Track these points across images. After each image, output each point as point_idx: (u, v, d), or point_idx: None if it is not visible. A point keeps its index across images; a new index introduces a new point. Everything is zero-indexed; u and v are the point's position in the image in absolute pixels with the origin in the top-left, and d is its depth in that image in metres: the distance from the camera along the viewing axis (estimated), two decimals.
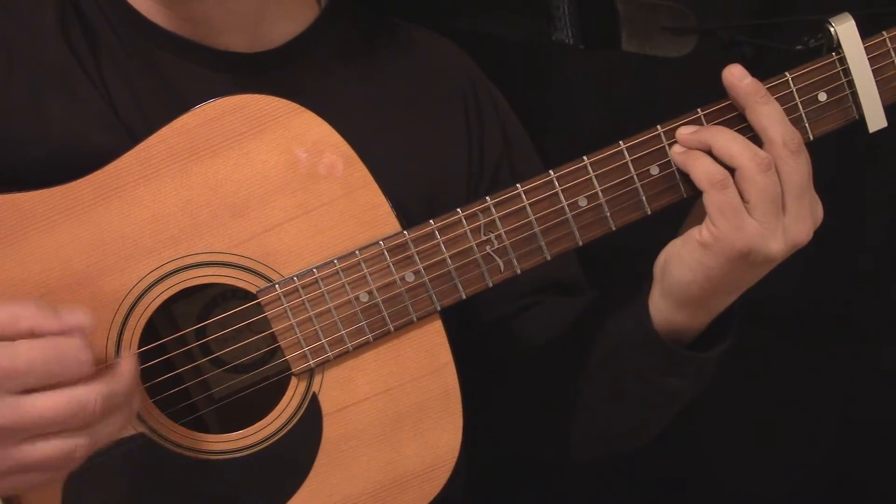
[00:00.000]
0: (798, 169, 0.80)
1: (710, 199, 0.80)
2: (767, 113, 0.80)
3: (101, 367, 0.74)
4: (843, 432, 1.37)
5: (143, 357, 0.82)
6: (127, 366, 0.76)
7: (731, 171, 0.80)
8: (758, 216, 0.79)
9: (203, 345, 0.87)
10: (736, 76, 0.81)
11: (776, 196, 0.79)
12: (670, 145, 0.83)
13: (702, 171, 0.80)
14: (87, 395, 0.71)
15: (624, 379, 0.92)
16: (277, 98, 0.82)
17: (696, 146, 0.82)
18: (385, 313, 0.83)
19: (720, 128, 0.81)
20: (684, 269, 0.84)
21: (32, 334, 0.71)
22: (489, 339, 1.03)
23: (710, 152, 0.81)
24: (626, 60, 0.99)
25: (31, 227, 0.81)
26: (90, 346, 0.72)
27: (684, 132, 0.82)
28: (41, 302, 0.72)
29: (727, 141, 0.80)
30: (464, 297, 0.84)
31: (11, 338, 0.70)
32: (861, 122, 0.84)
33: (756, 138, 0.81)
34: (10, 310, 0.71)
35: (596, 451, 1.02)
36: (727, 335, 0.89)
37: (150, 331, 0.85)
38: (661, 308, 0.88)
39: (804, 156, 0.80)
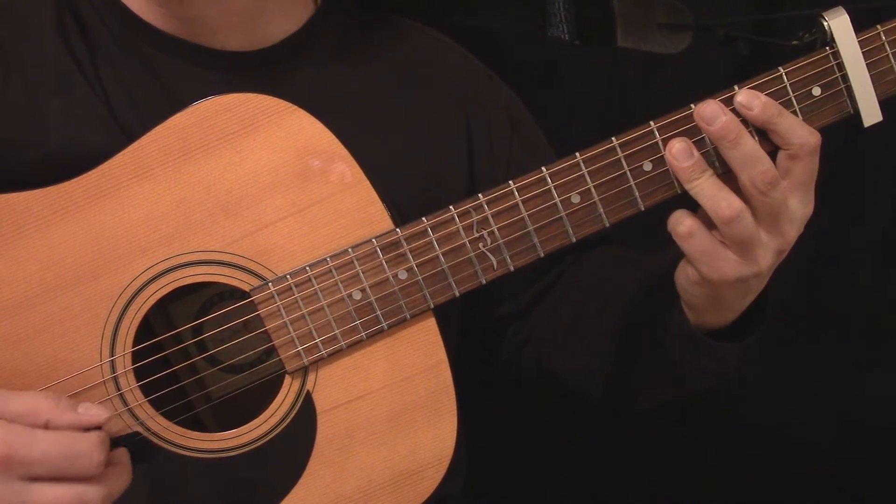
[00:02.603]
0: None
1: (683, 249, 0.81)
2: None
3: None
4: (843, 432, 1.36)
5: (138, 355, 0.83)
6: (126, 459, 0.79)
7: None
8: (734, 253, 0.80)
9: (198, 343, 0.87)
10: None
11: (749, 238, 0.79)
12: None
13: (673, 221, 0.80)
14: (90, 495, 0.74)
15: (667, 364, 0.92)
16: (270, 97, 0.82)
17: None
18: (378, 311, 0.83)
19: (700, 183, 0.80)
20: (688, 296, 0.85)
21: (49, 426, 0.74)
22: (538, 305, 1.04)
23: None
24: (624, 56, 0.99)
25: (26, 226, 0.81)
26: (107, 443, 0.76)
27: (677, 161, 0.81)
28: (59, 395, 0.76)
29: (696, 187, 0.79)
30: (457, 294, 0.84)
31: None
32: (856, 116, 0.84)
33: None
34: (30, 402, 0.74)
35: (623, 404, 1.03)
36: (760, 324, 0.88)
37: (148, 330, 0.86)
38: (689, 314, 0.88)
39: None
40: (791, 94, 0.82)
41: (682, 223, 0.80)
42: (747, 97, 0.80)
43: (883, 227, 1.28)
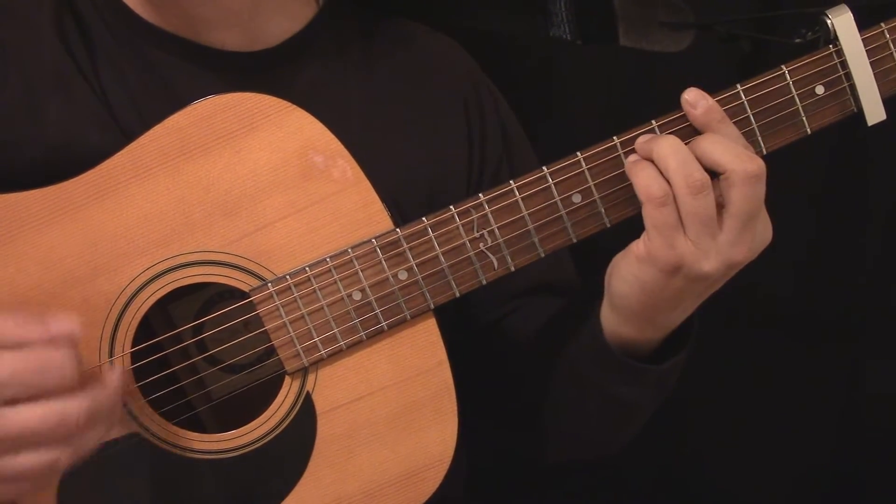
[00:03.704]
0: (750, 196, 0.77)
1: (647, 213, 0.79)
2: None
3: (88, 373, 0.73)
4: (843, 432, 1.36)
5: (137, 356, 0.82)
6: (112, 375, 0.75)
7: None
8: (690, 235, 0.78)
9: (197, 344, 0.87)
10: (689, 102, 0.79)
11: (708, 219, 0.77)
12: None
13: (642, 183, 0.78)
14: (71, 408, 0.71)
15: (583, 387, 0.92)
16: (269, 96, 0.82)
17: (645, 156, 0.80)
18: (378, 311, 0.83)
19: (666, 139, 0.79)
20: (621, 283, 0.84)
21: (19, 346, 0.70)
22: (483, 342, 1.03)
23: None
24: (624, 55, 0.99)
25: (24, 226, 0.81)
26: (77, 355, 0.72)
27: (640, 140, 0.81)
28: (27, 312, 0.72)
29: (666, 155, 0.78)
30: (457, 294, 0.83)
31: None
32: (860, 115, 0.83)
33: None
34: None
35: (569, 454, 1.02)
36: (682, 348, 0.88)
37: (147, 331, 0.85)
38: (610, 320, 0.87)
39: (758, 185, 0.77)
40: (794, 92, 0.82)
41: (655, 186, 0.78)
42: (694, 96, 0.80)
43: (884, 225, 1.28)
